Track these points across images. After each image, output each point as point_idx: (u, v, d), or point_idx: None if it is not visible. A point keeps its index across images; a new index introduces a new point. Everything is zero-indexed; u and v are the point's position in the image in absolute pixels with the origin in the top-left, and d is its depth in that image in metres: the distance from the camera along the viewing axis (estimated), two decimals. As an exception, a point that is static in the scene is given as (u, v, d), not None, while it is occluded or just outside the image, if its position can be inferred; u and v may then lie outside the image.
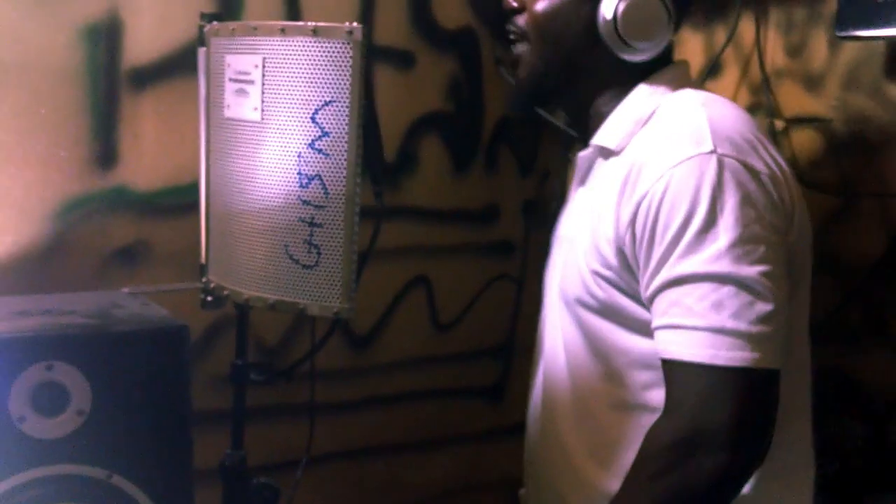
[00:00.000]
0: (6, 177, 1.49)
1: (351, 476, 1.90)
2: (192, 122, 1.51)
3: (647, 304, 1.19)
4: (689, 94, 1.28)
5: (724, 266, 1.11)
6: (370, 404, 1.89)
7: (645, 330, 1.21)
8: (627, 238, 1.19)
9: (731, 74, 1.88)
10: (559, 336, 1.38)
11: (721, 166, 1.14)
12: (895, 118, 1.64)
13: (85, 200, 1.56)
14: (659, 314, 1.15)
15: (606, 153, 1.32)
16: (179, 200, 1.62)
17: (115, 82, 1.56)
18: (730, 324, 1.10)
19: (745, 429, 1.10)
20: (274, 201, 1.33)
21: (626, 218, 1.19)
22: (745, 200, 1.13)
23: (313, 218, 1.31)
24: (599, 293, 1.26)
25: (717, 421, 1.09)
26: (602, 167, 1.34)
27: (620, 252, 1.21)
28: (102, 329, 1.24)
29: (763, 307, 1.11)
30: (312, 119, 1.29)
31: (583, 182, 1.40)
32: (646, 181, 1.17)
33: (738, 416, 1.10)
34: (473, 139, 2.00)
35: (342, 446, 1.85)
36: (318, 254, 1.31)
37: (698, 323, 1.11)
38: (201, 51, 1.44)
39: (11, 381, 1.15)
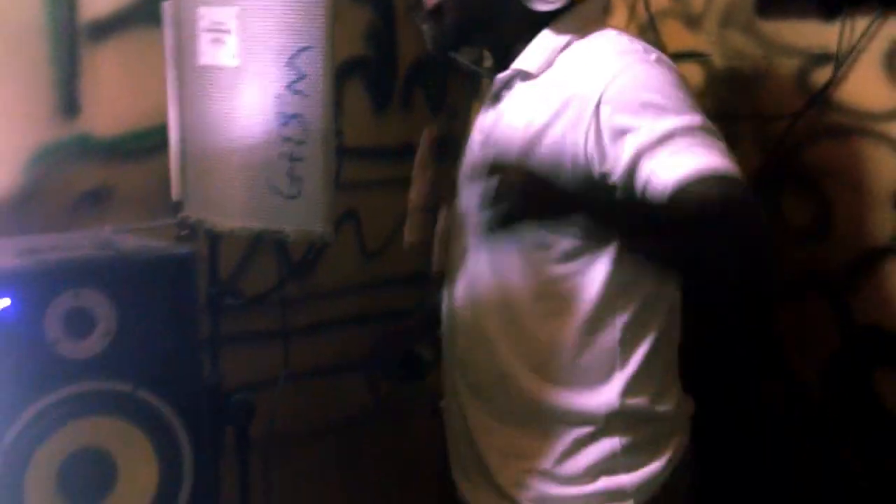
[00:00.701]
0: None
1: (318, 391, 2.06)
2: (153, 70, 1.64)
3: (623, 176, 1.32)
4: (602, 29, 1.48)
5: (694, 121, 1.29)
6: (316, 329, 2.06)
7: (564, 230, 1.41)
8: (588, 144, 1.34)
9: (620, 15, 2.11)
10: (481, 248, 1.55)
11: (658, 59, 1.36)
12: (766, 52, 1.91)
13: (53, 148, 1.66)
14: (648, 165, 1.29)
15: (525, 76, 1.51)
16: (141, 145, 1.74)
17: (75, 35, 1.66)
18: (719, 151, 1.28)
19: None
20: (255, 140, 1.48)
21: (582, 129, 1.35)
22: (682, 83, 1.36)
23: (293, 153, 1.47)
24: None
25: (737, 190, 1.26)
26: (519, 89, 1.53)
27: (572, 158, 1.38)
28: (121, 258, 1.38)
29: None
30: (290, 63, 1.44)
31: (495, 104, 1.58)
32: (596, 90, 1.36)
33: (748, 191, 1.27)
34: (390, 82, 2.17)
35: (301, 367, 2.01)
36: (301, 185, 1.47)
37: (693, 154, 1.27)
38: (167, 4, 1.57)
39: (44, 309, 1.28)
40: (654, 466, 1.48)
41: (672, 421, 1.52)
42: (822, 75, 1.81)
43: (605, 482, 1.46)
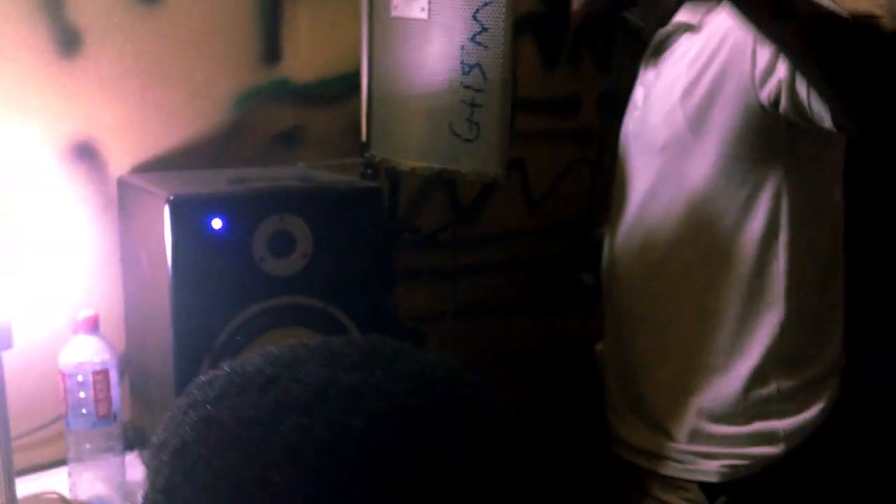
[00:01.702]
0: (195, 70, 1.77)
1: (484, 328, 2.21)
2: (346, 22, 1.80)
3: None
4: None
5: None
6: (483, 269, 2.20)
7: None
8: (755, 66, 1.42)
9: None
10: (644, 189, 1.64)
11: None
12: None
13: (255, 91, 1.84)
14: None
15: (686, 28, 1.59)
16: (332, 91, 1.90)
17: (277, -11, 1.83)
18: None
19: None
20: (439, 87, 1.61)
21: (746, 54, 1.41)
22: None
23: (474, 99, 1.60)
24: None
25: None
26: (681, 43, 1.61)
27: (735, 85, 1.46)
28: (319, 188, 1.54)
29: None
30: (474, 17, 1.57)
31: (656, 60, 1.67)
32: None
33: None
34: (560, 39, 2.27)
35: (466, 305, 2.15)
36: (478, 129, 1.60)
37: None
38: (364, -39, 1.71)
39: (254, 230, 1.45)
40: (808, 414, 1.56)
41: (829, 370, 1.59)
42: None
43: (759, 425, 1.54)
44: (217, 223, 1.43)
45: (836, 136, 1.40)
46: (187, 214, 1.42)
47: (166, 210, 1.40)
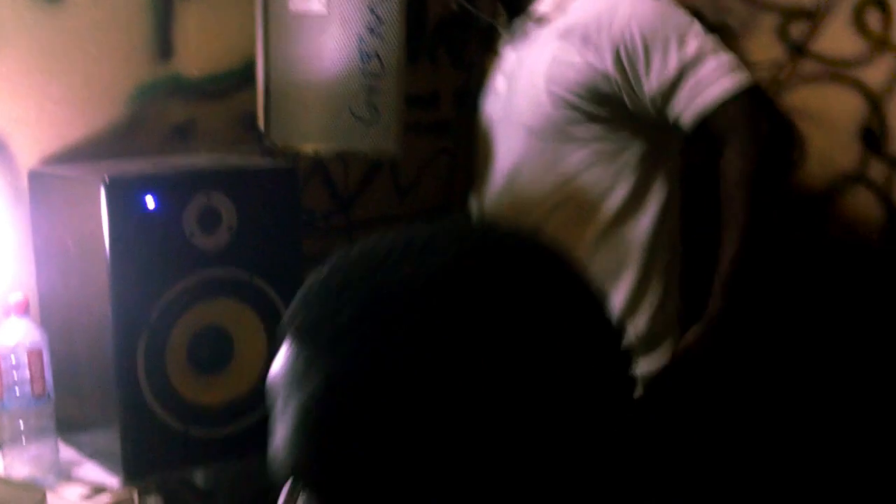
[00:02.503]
0: (94, 65, 1.84)
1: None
2: (234, 18, 1.92)
3: (656, 97, 1.71)
4: None
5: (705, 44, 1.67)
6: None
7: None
8: (613, 68, 1.69)
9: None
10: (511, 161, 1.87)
11: None
12: (750, 9, 2.23)
13: (149, 86, 1.93)
14: (683, 93, 1.68)
15: (540, 20, 1.82)
16: (222, 85, 2.01)
17: (168, -12, 1.93)
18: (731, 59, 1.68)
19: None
20: (339, 75, 1.76)
21: (608, 55, 1.69)
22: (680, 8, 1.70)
23: (372, 85, 1.76)
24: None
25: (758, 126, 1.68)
26: (537, 33, 1.84)
27: (600, 79, 1.71)
28: (243, 168, 1.66)
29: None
30: (371, 10, 1.73)
31: (514, 49, 1.89)
32: (615, 25, 1.68)
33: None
34: (419, 37, 2.46)
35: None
36: (377, 112, 1.76)
37: (715, 73, 1.66)
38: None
39: (184, 207, 1.56)
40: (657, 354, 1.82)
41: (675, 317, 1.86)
42: (799, 29, 2.15)
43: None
44: (150, 202, 1.53)
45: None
46: (122, 195, 1.51)
47: (102, 192, 1.49)
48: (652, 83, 1.69)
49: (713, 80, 1.66)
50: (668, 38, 1.67)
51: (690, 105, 1.68)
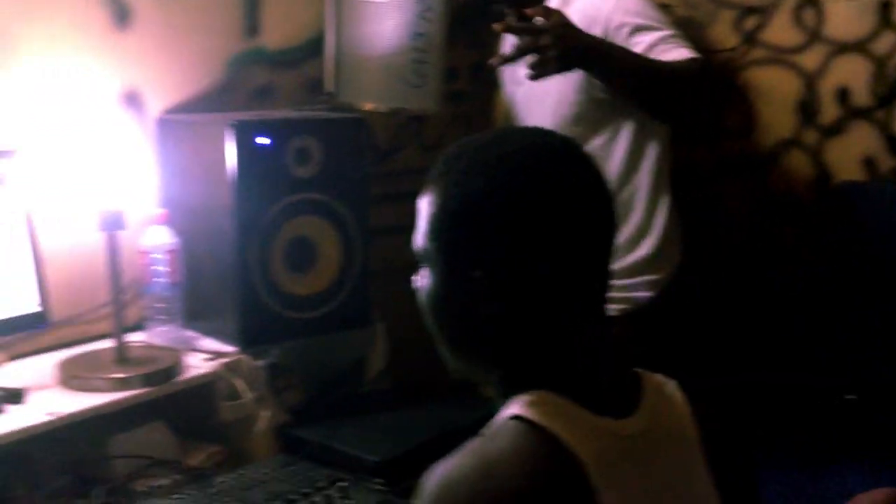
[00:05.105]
0: (198, 38, 2.37)
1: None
2: (305, 2, 2.45)
3: None
4: None
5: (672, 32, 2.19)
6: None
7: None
8: None
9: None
10: None
11: None
12: (715, 5, 2.79)
13: (240, 56, 2.46)
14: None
15: None
16: (295, 56, 2.55)
17: (258, -23, 2.46)
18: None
19: None
20: (395, 48, 2.30)
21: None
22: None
23: (419, 58, 2.30)
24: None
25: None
26: None
27: None
28: (327, 117, 2.21)
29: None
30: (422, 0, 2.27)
31: None
32: (605, 13, 2.21)
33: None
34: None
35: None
36: (424, 78, 2.31)
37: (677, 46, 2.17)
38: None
39: (284, 145, 2.09)
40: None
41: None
42: (751, 22, 2.72)
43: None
44: (263, 140, 2.06)
45: None
46: (243, 135, 2.04)
47: (229, 133, 2.02)
48: None
49: (675, 48, 2.17)
50: (644, 24, 2.20)
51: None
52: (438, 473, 1.04)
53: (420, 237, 1.17)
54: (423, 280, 1.18)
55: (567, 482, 1.03)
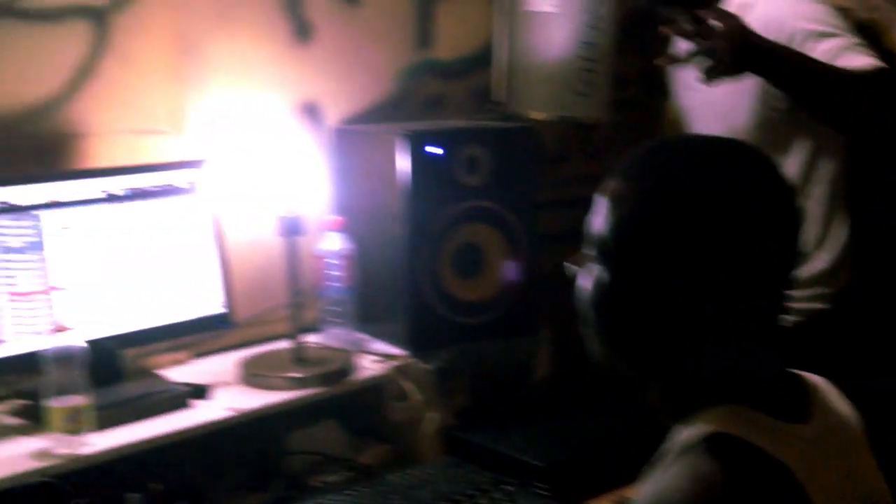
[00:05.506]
0: (367, 53, 2.45)
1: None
2: (474, 15, 2.50)
3: None
4: None
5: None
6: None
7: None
8: None
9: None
10: None
11: None
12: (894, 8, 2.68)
13: (412, 67, 2.53)
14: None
15: None
16: (464, 67, 2.60)
17: (427, -7, 2.53)
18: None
19: None
20: (564, 58, 2.32)
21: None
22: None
23: (587, 67, 2.31)
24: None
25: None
26: None
27: None
28: (497, 127, 2.26)
29: None
30: (593, 11, 2.29)
31: None
32: (787, 24, 2.15)
33: None
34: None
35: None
36: (593, 87, 2.32)
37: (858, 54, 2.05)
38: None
39: (454, 154, 2.15)
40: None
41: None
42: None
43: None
44: (434, 150, 2.12)
45: None
46: (416, 145, 2.11)
47: (402, 143, 2.09)
48: None
49: (856, 56, 2.08)
50: (824, 31, 2.13)
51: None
52: (651, 494, 1.03)
53: (599, 232, 1.14)
54: (590, 274, 1.16)
55: (784, 495, 1.03)
